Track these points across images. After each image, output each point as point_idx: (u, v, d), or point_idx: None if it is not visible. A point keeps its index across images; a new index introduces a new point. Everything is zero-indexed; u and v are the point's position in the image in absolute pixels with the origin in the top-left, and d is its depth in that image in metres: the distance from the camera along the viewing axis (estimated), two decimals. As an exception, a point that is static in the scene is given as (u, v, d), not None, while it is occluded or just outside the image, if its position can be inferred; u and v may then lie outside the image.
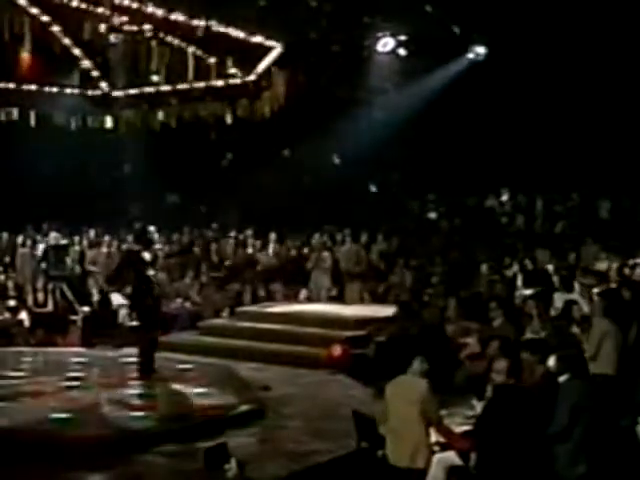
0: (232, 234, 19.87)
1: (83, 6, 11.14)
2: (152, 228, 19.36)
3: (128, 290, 13.54)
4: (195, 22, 11.61)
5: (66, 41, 12.46)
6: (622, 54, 17.28)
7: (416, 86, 20.46)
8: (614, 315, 9.77)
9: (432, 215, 21.07)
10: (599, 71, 17.72)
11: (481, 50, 19.89)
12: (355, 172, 21.56)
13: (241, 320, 15.30)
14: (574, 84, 18.12)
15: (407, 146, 20.78)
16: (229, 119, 13.26)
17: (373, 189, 22.82)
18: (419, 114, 20.01)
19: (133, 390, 10.89)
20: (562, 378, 7.42)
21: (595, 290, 12.12)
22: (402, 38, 19.63)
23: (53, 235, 17.68)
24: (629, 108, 17.63)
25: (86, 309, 15.78)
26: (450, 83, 20.08)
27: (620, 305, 10.36)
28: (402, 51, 19.88)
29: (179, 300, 16.61)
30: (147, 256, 11.91)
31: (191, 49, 12.18)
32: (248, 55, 12.15)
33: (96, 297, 16.44)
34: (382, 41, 19.79)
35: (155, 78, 13.15)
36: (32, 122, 13.97)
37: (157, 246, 18.96)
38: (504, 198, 20.42)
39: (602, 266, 14.54)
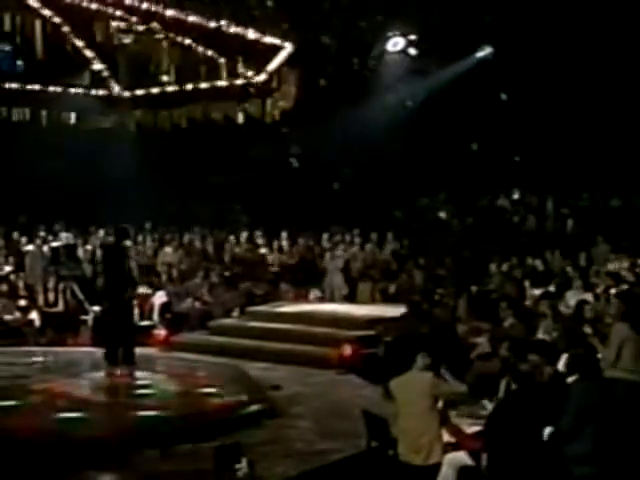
0: (243, 233, 19.86)
1: (94, 7, 11.16)
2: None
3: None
4: (206, 22, 11.61)
5: (77, 41, 12.47)
6: (632, 55, 17.23)
7: (427, 85, 20.45)
8: (633, 319, 9.39)
9: (443, 214, 21.03)
10: (611, 71, 17.67)
11: (490, 49, 19.89)
12: (365, 172, 21.54)
13: (251, 320, 15.29)
14: (586, 85, 18.08)
15: (418, 145, 20.74)
16: (240, 119, 13.26)
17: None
18: (430, 113, 19.99)
19: (143, 390, 10.89)
20: (571, 378, 7.39)
21: (612, 291, 12.00)
22: (412, 37, 19.66)
23: (64, 235, 17.70)
24: (638, 107, 17.58)
25: (97, 309, 15.77)
26: (460, 82, 20.06)
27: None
28: (412, 50, 19.90)
29: (189, 300, 16.60)
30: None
31: (201, 49, 12.19)
32: (258, 55, 12.14)
33: (107, 296, 16.41)
34: (392, 40, 19.81)
35: (165, 78, 13.16)
36: (43, 122, 14.02)
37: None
38: (515, 198, 20.39)
39: (613, 266, 14.50)
